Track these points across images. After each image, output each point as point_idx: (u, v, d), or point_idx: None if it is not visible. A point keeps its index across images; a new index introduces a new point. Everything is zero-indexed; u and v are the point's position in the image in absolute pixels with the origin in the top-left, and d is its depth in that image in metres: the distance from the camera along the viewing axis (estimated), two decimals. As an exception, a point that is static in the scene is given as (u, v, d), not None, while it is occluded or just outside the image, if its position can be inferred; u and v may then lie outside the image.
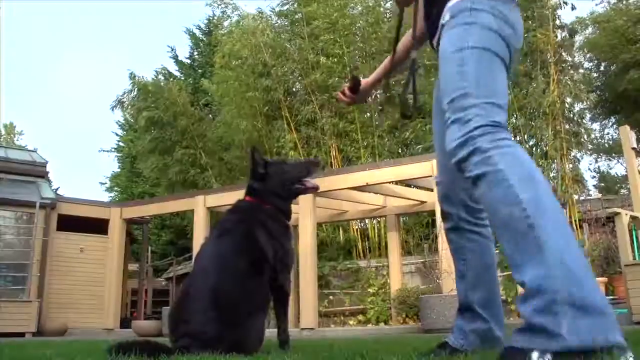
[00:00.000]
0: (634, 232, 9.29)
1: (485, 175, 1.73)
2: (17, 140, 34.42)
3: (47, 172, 13.62)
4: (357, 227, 13.21)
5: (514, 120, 12.11)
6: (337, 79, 12.86)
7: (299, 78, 14.41)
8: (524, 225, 1.59)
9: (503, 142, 1.75)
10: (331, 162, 13.12)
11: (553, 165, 11.72)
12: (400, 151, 13.94)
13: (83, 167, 66.77)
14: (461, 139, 1.79)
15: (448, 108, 1.89)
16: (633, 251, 9.30)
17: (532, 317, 1.49)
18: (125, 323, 12.33)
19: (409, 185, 10.36)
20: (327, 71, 12.98)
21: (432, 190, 8.77)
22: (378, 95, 11.85)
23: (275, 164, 3.17)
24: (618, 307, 8.26)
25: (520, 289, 7.03)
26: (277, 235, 3.05)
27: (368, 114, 13.46)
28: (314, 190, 3.19)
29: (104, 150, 37.35)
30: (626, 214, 7.54)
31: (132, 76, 15.45)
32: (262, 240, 2.96)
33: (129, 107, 16.10)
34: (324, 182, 7.92)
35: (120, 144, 29.92)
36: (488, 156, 1.73)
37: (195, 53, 27.13)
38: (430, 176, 8.48)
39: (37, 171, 13.15)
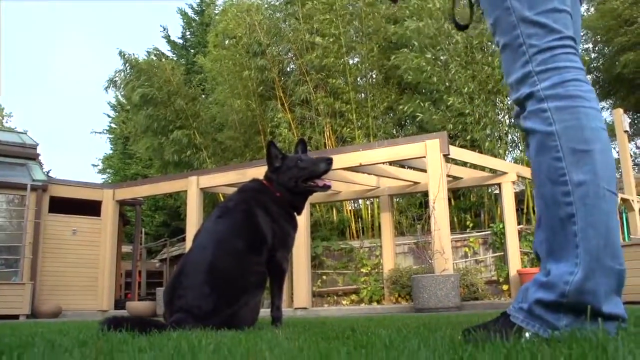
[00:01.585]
0: (624, 214, 9.36)
1: (534, 133, 1.49)
2: (6, 122, 34.12)
3: (38, 154, 13.52)
4: (350, 207, 13.24)
5: (508, 102, 12.11)
6: (332, 59, 12.77)
7: (294, 58, 14.31)
8: (565, 212, 1.41)
9: (566, 88, 1.45)
10: (325, 143, 13.09)
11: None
12: (394, 132, 13.92)
13: (75, 149, 66.47)
14: (518, 75, 1.52)
15: (494, 31, 1.60)
16: (623, 233, 9.38)
17: (535, 305, 1.43)
18: (119, 304, 12.37)
19: (402, 166, 10.37)
20: (323, 51, 12.89)
21: (425, 171, 8.77)
22: None
23: (291, 158, 3.19)
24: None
25: (512, 272, 7.05)
26: (278, 219, 3.09)
27: (363, 94, 13.40)
28: (326, 189, 3.21)
29: (95, 132, 37.19)
30: (617, 196, 7.58)
31: (122, 54, 15.29)
32: (262, 222, 3.00)
33: (122, 85, 15.93)
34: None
35: (112, 125, 29.77)
36: (543, 109, 1.46)
37: (188, 33, 26.90)
38: (424, 157, 8.49)
39: (27, 153, 13.05)
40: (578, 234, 1.38)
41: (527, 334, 1.42)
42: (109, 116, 30.07)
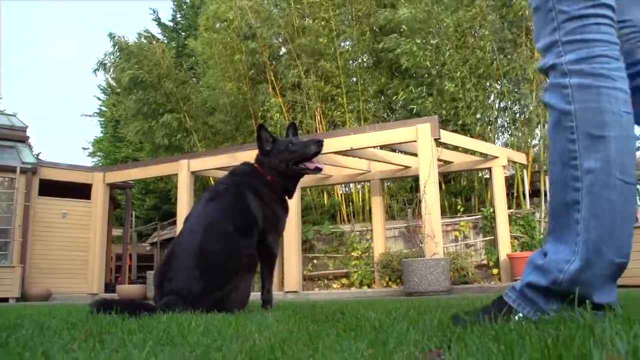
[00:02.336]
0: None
1: (553, 108, 1.42)
2: (-5, 104, 33.73)
3: (28, 137, 13.40)
4: (341, 191, 13.25)
5: (498, 87, 12.11)
6: (323, 42, 12.68)
7: (284, 43, 14.21)
8: (571, 197, 1.36)
9: (592, 64, 1.36)
10: (316, 127, 13.06)
11: (536, 132, 11.78)
12: (385, 116, 13.90)
13: (65, 132, 65.97)
14: (546, 41, 1.43)
15: None
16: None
17: (526, 288, 1.41)
18: (109, 288, 12.37)
19: (393, 150, 10.37)
20: (313, 35, 12.81)
21: (416, 155, 8.78)
22: None
23: (282, 142, 3.20)
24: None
25: (502, 256, 7.08)
26: (269, 202, 3.09)
27: (354, 78, 13.35)
28: (317, 172, 3.21)
29: (86, 115, 36.84)
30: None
31: (112, 36, 15.10)
32: (252, 205, 3.00)
33: (112, 68, 15.76)
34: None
35: (103, 108, 29.53)
36: (564, 84, 1.38)
37: (179, 15, 26.61)
38: (415, 141, 8.49)
39: (16, 135, 12.93)
40: (580, 223, 1.33)
41: (516, 317, 1.41)
42: (99, 99, 29.83)
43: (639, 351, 0.77)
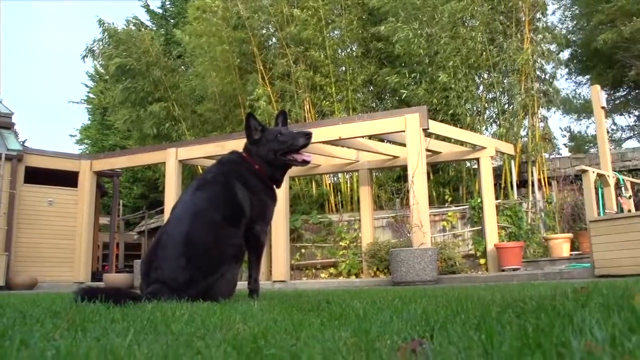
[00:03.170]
0: (599, 190, 9.50)
1: None
2: (-19, 90, 33.25)
3: (13, 124, 13.23)
4: (330, 181, 13.25)
5: (487, 77, 12.14)
6: (312, 32, 12.64)
7: (274, 32, 14.13)
8: None
9: None
10: (305, 116, 13.03)
11: (524, 122, 11.83)
12: (374, 105, 13.90)
13: (52, 119, 65.24)
14: None
15: None
16: (598, 208, 9.54)
17: None
18: (96, 276, 12.31)
19: (382, 140, 10.38)
20: (302, 24, 12.75)
21: (404, 145, 8.79)
22: None
23: (271, 132, 3.19)
24: (583, 262, 8.53)
25: (490, 246, 7.14)
26: (257, 192, 3.09)
27: (342, 67, 13.32)
28: (305, 164, 3.21)
29: (73, 102, 36.48)
30: (593, 172, 7.68)
31: (101, 22, 14.95)
32: (240, 195, 2.99)
33: (100, 55, 15.60)
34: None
35: (90, 95, 29.21)
36: None
37: (168, 3, 26.33)
38: (404, 131, 8.50)
39: (2, 122, 12.75)
40: None
41: None
42: (87, 86, 29.49)
43: (617, 340, 0.78)
